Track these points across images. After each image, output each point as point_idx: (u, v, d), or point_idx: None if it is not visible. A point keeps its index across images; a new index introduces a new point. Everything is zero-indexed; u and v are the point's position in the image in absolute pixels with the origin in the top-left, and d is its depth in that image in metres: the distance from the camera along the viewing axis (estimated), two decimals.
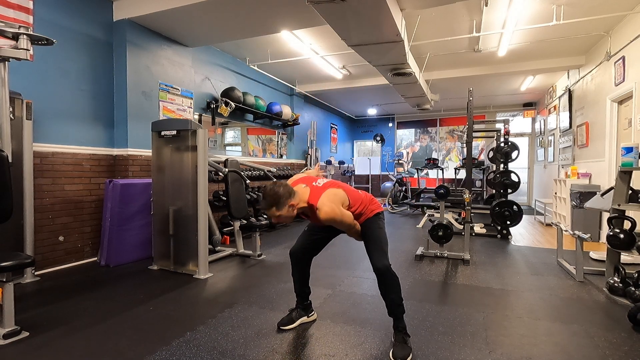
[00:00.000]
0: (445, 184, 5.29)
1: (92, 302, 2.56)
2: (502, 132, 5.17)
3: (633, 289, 2.52)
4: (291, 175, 6.50)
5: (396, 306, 1.92)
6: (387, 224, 2.02)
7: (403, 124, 11.19)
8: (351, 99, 8.93)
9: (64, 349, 1.90)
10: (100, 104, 3.77)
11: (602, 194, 3.22)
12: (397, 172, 9.29)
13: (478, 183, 9.02)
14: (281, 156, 7.32)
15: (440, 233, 3.77)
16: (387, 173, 10.12)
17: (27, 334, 2.05)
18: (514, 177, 4.93)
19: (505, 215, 4.82)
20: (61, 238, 3.44)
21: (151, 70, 4.13)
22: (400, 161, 9.40)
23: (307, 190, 1.87)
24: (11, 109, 2.72)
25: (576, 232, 3.16)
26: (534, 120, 9.44)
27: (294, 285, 2.21)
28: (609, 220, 2.78)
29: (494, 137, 6.06)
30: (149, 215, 3.65)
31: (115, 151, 3.91)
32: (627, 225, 2.71)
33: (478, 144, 9.94)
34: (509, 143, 5.01)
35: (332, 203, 1.81)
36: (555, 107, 7.25)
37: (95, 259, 3.71)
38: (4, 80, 2.32)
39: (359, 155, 11.94)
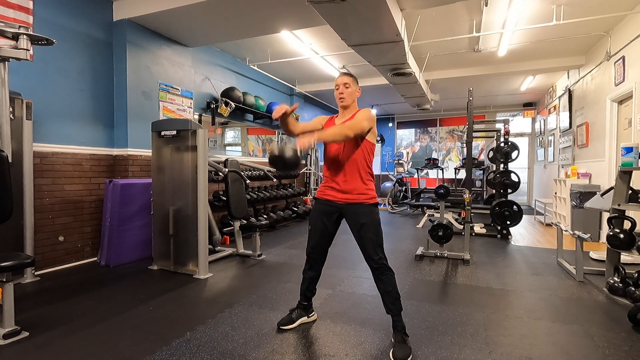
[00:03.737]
0: (445, 184, 5.29)
1: (92, 302, 2.56)
2: (502, 132, 5.17)
3: (633, 289, 2.52)
4: (292, 175, 6.51)
5: (394, 300, 1.93)
6: (387, 224, 2.03)
7: (403, 124, 11.19)
8: None
9: (64, 349, 1.90)
10: (100, 104, 3.77)
11: (602, 194, 3.22)
12: (397, 172, 9.29)
13: (478, 183, 9.02)
14: None
15: (440, 233, 3.77)
16: (387, 173, 10.12)
17: (27, 334, 2.05)
18: (514, 177, 4.93)
19: (505, 215, 4.82)
20: (61, 238, 3.44)
21: (151, 70, 4.13)
22: (400, 161, 9.40)
23: None
24: (11, 109, 2.72)
25: (576, 232, 3.16)
26: (534, 120, 9.45)
27: (303, 284, 2.20)
28: (609, 220, 2.78)
29: (494, 137, 6.07)
30: (149, 215, 3.65)
31: (115, 151, 3.91)
32: (627, 225, 2.71)
33: (478, 144, 9.94)
34: (509, 143, 5.01)
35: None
36: (555, 107, 7.25)
37: (95, 259, 3.71)
38: (4, 80, 2.32)
39: None
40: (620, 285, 2.64)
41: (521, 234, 5.33)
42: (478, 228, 5.46)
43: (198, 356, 1.82)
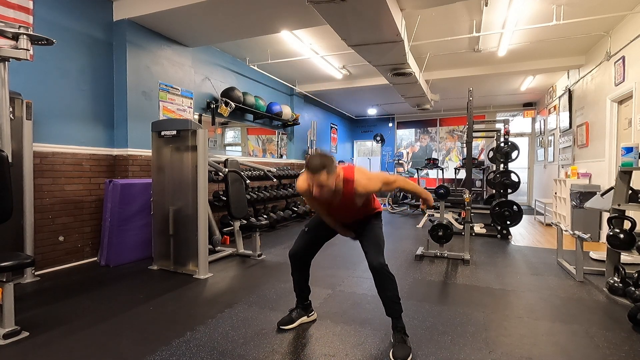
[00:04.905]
0: (445, 184, 5.29)
1: (92, 302, 2.56)
2: (502, 132, 5.17)
3: (633, 289, 2.52)
4: (292, 175, 6.52)
5: (393, 304, 1.93)
6: (387, 224, 2.04)
7: (403, 124, 11.19)
8: (351, 99, 8.93)
9: (64, 349, 1.90)
10: (100, 104, 3.77)
11: (602, 194, 3.22)
12: (397, 172, 9.29)
13: (478, 183, 9.02)
14: (281, 156, 7.32)
15: (440, 233, 3.77)
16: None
17: (27, 334, 2.05)
18: (514, 177, 4.93)
19: (505, 215, 4.82)
20: (61, 238, 3.44)
21: (151, 70, 4.13)
22: (400, 161, 9.41)
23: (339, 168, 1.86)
24: (11, 109, 2.72)
25: (576, 232, 3.16)
26: (534, 120, 9.44)
27: (294, 286, 2.22)
28: (609, 220, 2.78)
29: (494, 137, 6.06)
30: (149, 215, 3.65)
31: (115, 151, 3.91)
32: (627, 225, 2.71)
33: (478, 144, 9.93)
34: (509, 143, 5.01)
35: (365, 175, 1.90)
36: (555, 107, 7.25)
37: (95, 259, 3.71)
38: (4, 80, 2.32)
39: (359, 155, 11.95)
40: (620, 285, 2.64)
41: (521, 234, 5.33)
42: (478, 228, 5.46)
43: (198, 356, 1.83)
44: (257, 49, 5.38)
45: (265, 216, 5.48)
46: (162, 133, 3.38)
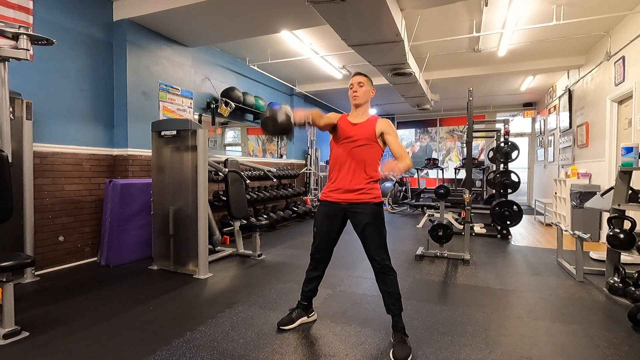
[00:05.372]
0: (445, 184, 5.29)
1: (92, 302, 2.56)
2: (502, 132, 5.17)
3: (633, 289, 2.52)
4: (292, 175, 6.52)
5: (395, 301, 1.94)
6: (387, 224, 2.04)
7: (403, 124, 11.19)
8: None
9: (64, 349, 1.90)
10: (100, 104, 3.77)
11: (602, 194, 3.22)
12: None
13: (478, 183, 9.02)
14: (281, 156, 7.33)
15: (440, 233, 3.77)
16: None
17: (27, 334, 2.05)
18: (514, 177, 4.93)
19: (505, 215, 4.82)
20: (61, 238, 3.44)
21: (151, 70, 4.13)
22: None
23: None
24: (11, 109, 2.72)
25: (576, 232, 3.16)
26: (534, 120, 9.45)
27: (305, 284, 2.20)
28: (609, 220, 2.78)
29: (494, 137, 6.06)
30: (149, 215, 3.65)
31: (115, 151, 3.91)
32: (627, 225, 2.71)
33: (478, 144, 9.93)
34: (509, 143, 5.01)
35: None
36: (555, 107, 7.25)
37: (95, 259, 3.71)
38: (4, 80, 2.32)
39: None
40: (620, 285, 2.64)
41: (521, 234, 5.33)
42: (478, 228, 5.46)
43: (198, 356, 1.82)
44: (257, 49, 5.38)
45: (265, 216, 5.48)
46: (162, 133, 3.38)
